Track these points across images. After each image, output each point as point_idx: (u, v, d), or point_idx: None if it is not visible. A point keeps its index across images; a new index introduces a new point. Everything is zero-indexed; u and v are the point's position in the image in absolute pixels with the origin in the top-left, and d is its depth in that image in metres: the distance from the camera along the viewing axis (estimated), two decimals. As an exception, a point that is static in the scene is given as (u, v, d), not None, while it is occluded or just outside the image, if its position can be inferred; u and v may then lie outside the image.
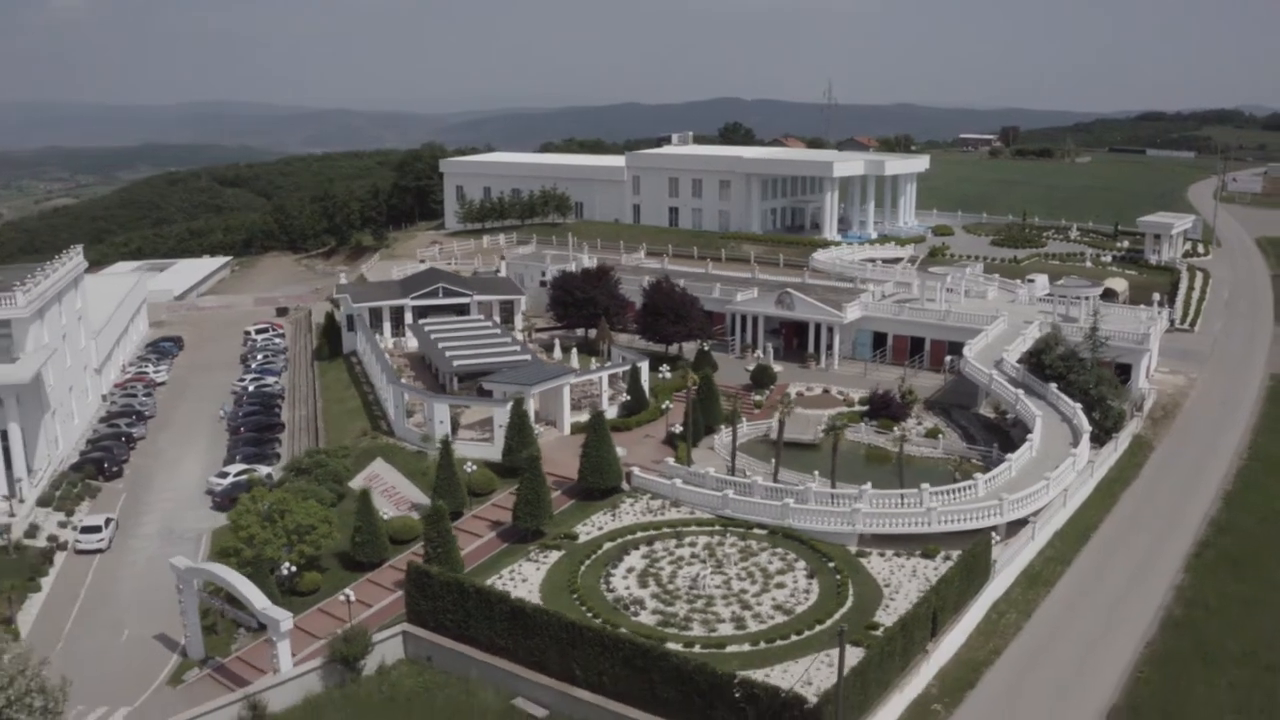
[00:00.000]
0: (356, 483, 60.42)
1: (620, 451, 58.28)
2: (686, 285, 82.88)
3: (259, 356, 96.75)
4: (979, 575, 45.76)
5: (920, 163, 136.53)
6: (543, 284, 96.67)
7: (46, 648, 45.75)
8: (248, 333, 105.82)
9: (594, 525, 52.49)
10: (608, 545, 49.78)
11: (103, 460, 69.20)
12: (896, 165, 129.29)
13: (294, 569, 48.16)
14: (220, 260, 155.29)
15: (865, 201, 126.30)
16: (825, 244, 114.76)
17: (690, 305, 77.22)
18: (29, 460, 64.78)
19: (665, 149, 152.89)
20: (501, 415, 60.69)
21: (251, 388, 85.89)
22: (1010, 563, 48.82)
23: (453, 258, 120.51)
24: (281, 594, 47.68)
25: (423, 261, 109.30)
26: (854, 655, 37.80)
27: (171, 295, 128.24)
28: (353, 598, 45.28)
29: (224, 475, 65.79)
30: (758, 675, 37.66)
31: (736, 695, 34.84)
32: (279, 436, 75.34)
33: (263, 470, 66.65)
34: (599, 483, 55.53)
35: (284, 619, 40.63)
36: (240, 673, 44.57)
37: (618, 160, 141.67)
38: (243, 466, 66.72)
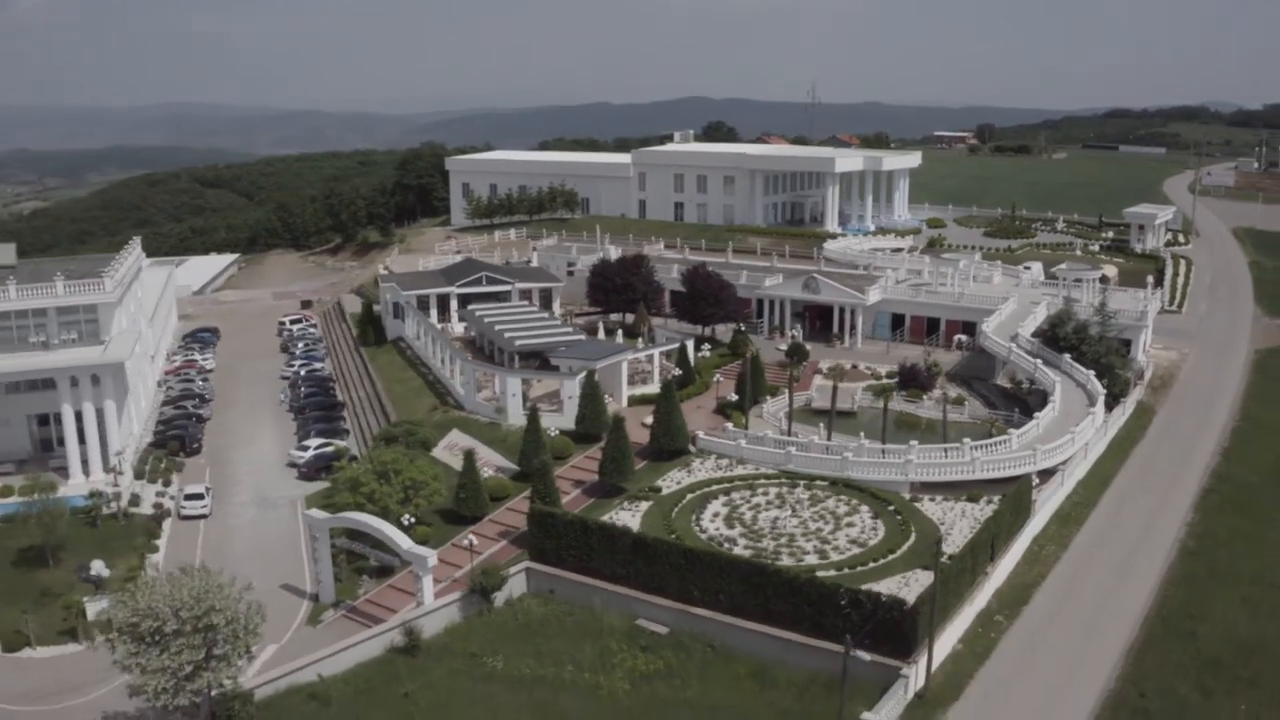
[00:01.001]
0: (438, 451, 66.55)
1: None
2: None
3: (300, 345, 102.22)
4: (1023, 513, 53.02)
5: (913, 159, 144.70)
6: (570, 273, 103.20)
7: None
8: (282, 323, 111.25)
9: (672, 480, 59.13)
10: (689, 496, 56.43)
11: (183, 437, 74.68)
12: (893, 161, 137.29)
13: (413, 520, 54.17)
14: (229, 258, 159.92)
15: (864, 196, 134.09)
16: (827, 236, 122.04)
17: (726, 289, 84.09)
18: (118, 438, 70.10)
19: (669, 146, 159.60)
20: (571, 387, 67.13)
21: (303, 372, 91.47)
22: (1044, 505, 56.17)
23: (471, 251, 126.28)
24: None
25: (457, 253, 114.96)
26: (927, 579, 44.84)
27: (190, 290, 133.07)
28: (475, 541, 51.49)
29: (304, 449, 71.60)
30: (849, 591, 44.48)
31: (843, 602, 41.67)
32: (342, 415, 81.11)
33: (338, 443, 72.59)
34: (670, 444, 62.17)
35: (430, 556, 46.93)
36: (371, 613, 50.54)
37: (624, 157, 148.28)
38: (320, 440, 72.60)
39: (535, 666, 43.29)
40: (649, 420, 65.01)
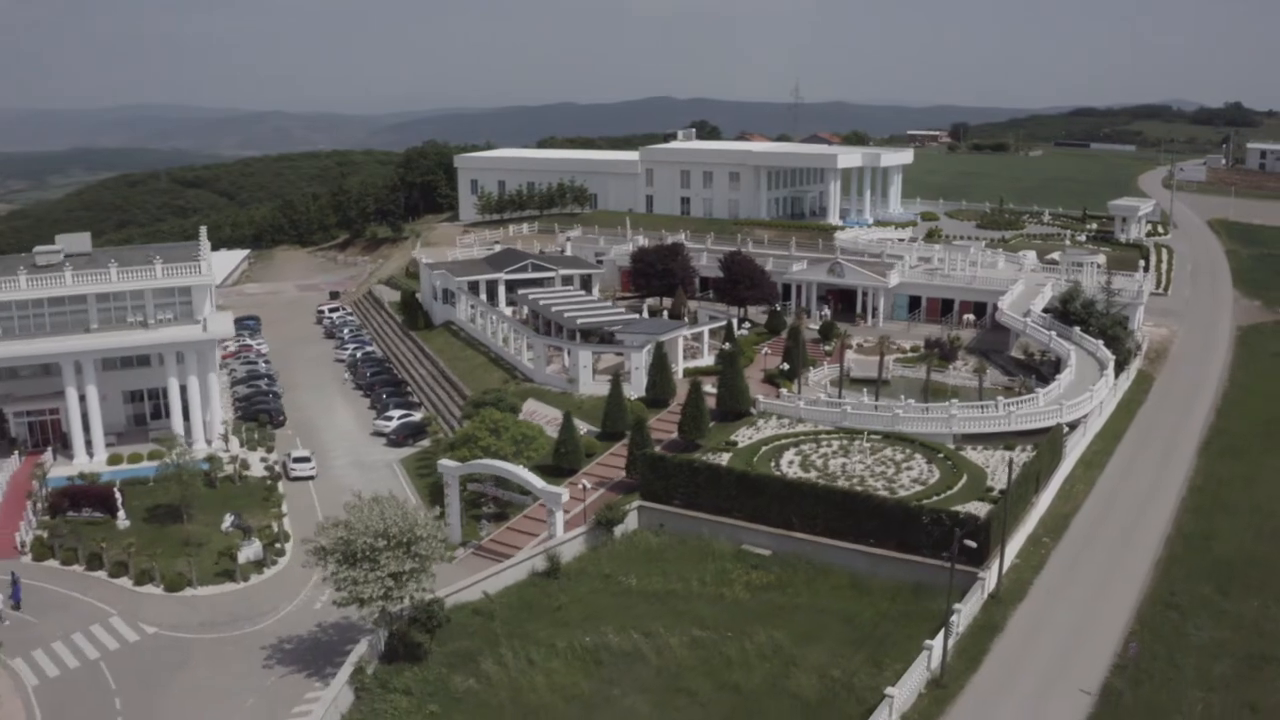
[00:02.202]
0: (520, 418, 74.51)
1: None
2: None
3: (345, 331, 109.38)
4: (1057, 456, 62.34)
5: (906, 155, 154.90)
6: (599, 262, 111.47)
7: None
8: (321, 312, 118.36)
9: (743, 437, 67.72)
10: (764, 449, 64.98)
11: (270, 410, 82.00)
12: (889, 158, 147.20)
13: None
14: (241, 253, 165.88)
15: (862, 191, 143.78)
16: (830, 228, 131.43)
17: (761, 274, 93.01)
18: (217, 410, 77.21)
19: (673, 144, 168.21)
20: (638, 359, 75.54)
21: (359, 355, 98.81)
22: (1070, 453, 65.52)
23: (495, 245, 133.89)
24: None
25: (496, 244, 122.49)
26: (983, 509, 53.84)
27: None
28: (588, 485, 59.66)
29: (389, 419, 79.29)
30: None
31: (925, 520, 50.49)
32: (409, 391, 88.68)
33: (416, 415, 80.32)
34: (734, 406, 70.81)
35: (563, 493, 55.12)
36: (495, 550, 58.56)
37: (631, 154, 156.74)
38: (402, 412, 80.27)
39: (664, 583, 51.63)
40: (708, 388, 73.56)
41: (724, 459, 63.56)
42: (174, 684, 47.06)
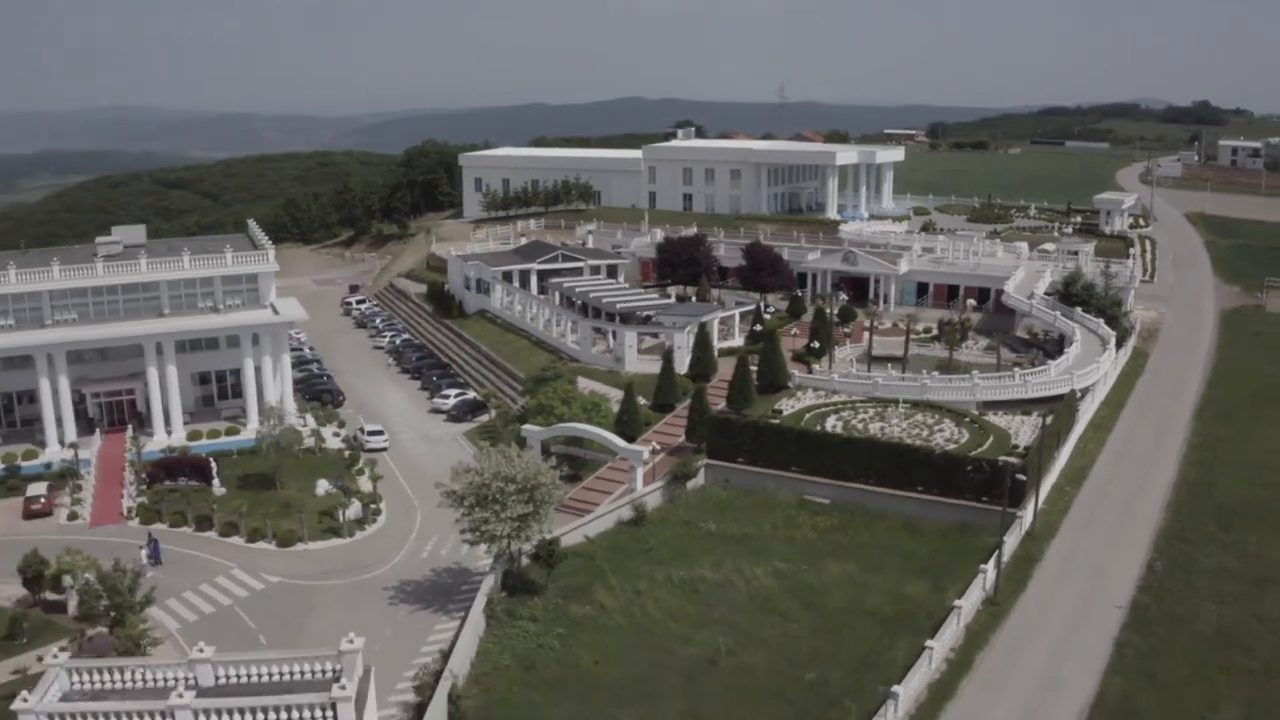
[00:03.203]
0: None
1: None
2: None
3: (377, 320, 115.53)
4: (1072, 417, 70.27)
5: (898, 153, 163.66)
6: (617, 253, 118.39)
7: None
8: (348, 304, 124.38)
9: (786, 406, 75.04)
10: (808, 415, 72.34)
11: (331, 390, 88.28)
12: (884, 155, 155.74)
13: (594, 435, 69.10)
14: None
15: (858, 187, 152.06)
16: (829, 222, 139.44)
17: (781, 262, 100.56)
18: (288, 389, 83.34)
19: (674, 143, 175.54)
20: (681, 339, 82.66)
21: (398, 342, 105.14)
22: (1081, 418, 73.53)
23: (506, 239, 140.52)
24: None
25: (522, 237, 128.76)
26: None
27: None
28: (657, 446, 66.69)
29: (446, 397, 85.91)
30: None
31: (969, 468, 58.10)
32: (454, 372, 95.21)
33: (470, 393, 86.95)
34: (774, 379, 78.14)
35: (644, 451, 62.21)
36: (574, 506, 65.04)
37: (634, 153, 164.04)
38: (457, 390, 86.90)
39: (739, 527, 58.81)
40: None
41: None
42: (310, 623, 53.31)
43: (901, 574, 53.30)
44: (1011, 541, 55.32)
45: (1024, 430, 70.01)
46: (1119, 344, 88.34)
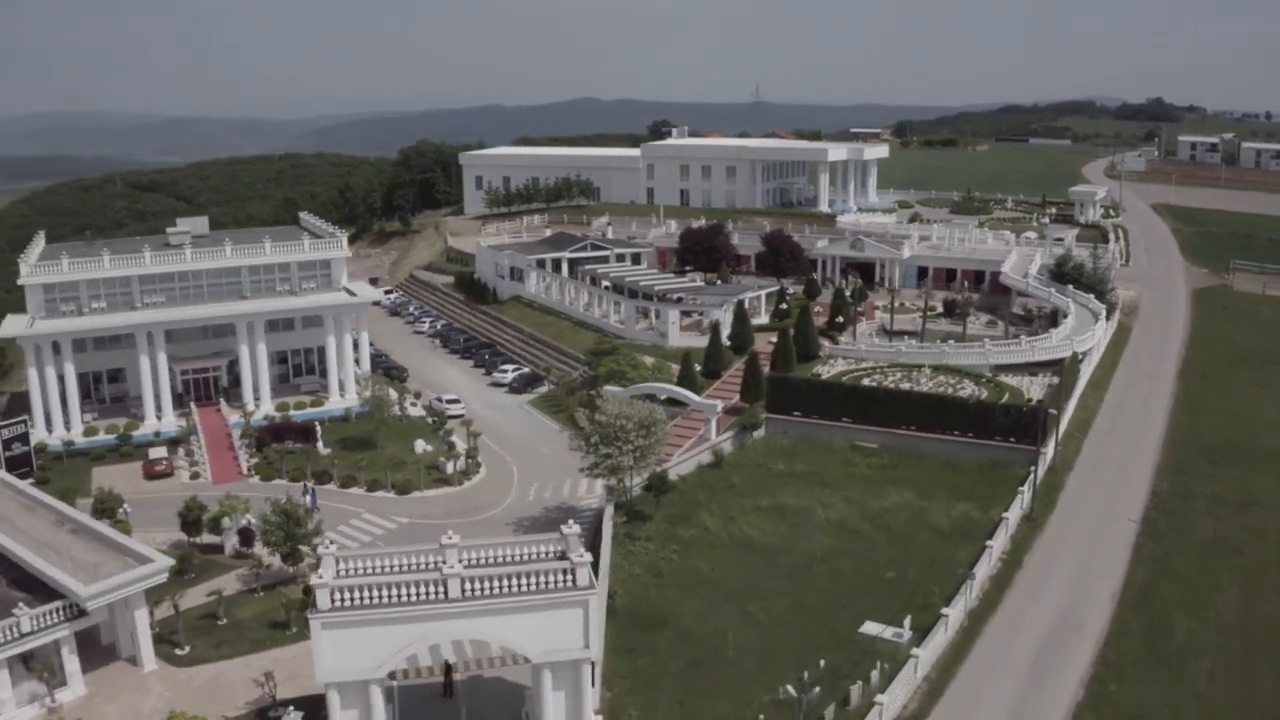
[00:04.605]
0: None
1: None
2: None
3: (410, 308, 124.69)
4: (1075, 376, 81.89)
5: (883, 150, 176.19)
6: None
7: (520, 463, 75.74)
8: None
9: (822, 371, 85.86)
10: (845, 378, 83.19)
11: (395, 367, 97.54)
12: (871, 152, 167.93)
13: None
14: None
15: (847, 182, 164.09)
16: (822, 215, 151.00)
17: (798, 248, 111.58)
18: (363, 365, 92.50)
19: (671, 140, 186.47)
20: (721, 315, 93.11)
21: (438, 326, 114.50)
22: (1081, 379, 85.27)
23: (516, 234, 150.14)
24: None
25: (547, 230, 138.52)
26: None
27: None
28: (720, 406, 77.01)
29: (505, 372, 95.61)
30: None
31: (998, 414, 69.26)
32: (501, 351, 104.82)
33: (526, 368, 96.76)
34: (807, 349, 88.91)
35: (718, 404, 72.47)
36: (647, 457, 75.20)
37: (633, 151, 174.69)
38: (514, 365, 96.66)
39: (805, 467, 69.43)
40: (772, 339, 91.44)
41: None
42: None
43: (950, 499, 64.25)
44: (1040, 469, 66.57)
45: (1034, 388, 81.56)
46: (1107, 315, 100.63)
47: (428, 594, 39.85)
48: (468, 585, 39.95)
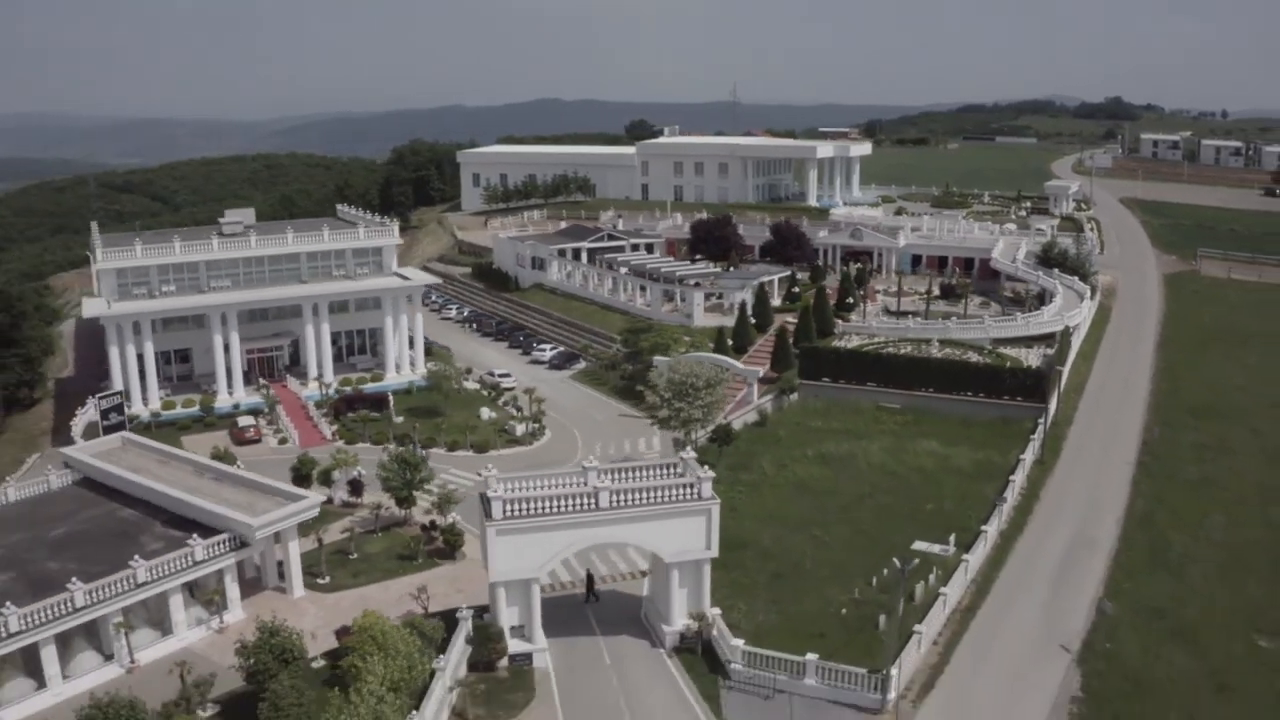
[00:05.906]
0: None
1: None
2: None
3: (433, 296, 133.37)
4: (1068, 347, 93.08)
5: (866, 147, 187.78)
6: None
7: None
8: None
9: (841, 344, 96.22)
10: (865, 349, 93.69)
11: (441, 346, 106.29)
12: (856, 149, 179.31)
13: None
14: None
15: (833, 178, 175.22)
16: (811, 210, 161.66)
17: (804, 237, 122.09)
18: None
19: (663, 139, 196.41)
20: (743, 296, 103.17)
21: (466, 312, 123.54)
22: (1072, 349, 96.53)
23: (524, 227, 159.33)
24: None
25: (562, 222, 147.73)
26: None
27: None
28: (760, 372, 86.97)
29: (543, 350, 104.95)
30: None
31: (1006, 376, 80.00)
32: (531, 332, 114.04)
33: (561, 347, 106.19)
34: (823, 326, 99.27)
35: (759, 370, 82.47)
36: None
37: (628, 149, 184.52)
38: (550, 345, 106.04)
39: (839, 424, 79.70)
40: (789, 319, 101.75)
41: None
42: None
43: (971, 447, 74.82)
44: (1045, 422, 77.41)
45: (1031, 358, 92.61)
46: (1090, 296, 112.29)
47: (582, 505, 49.37)
48: (615, 497, 49.51)
